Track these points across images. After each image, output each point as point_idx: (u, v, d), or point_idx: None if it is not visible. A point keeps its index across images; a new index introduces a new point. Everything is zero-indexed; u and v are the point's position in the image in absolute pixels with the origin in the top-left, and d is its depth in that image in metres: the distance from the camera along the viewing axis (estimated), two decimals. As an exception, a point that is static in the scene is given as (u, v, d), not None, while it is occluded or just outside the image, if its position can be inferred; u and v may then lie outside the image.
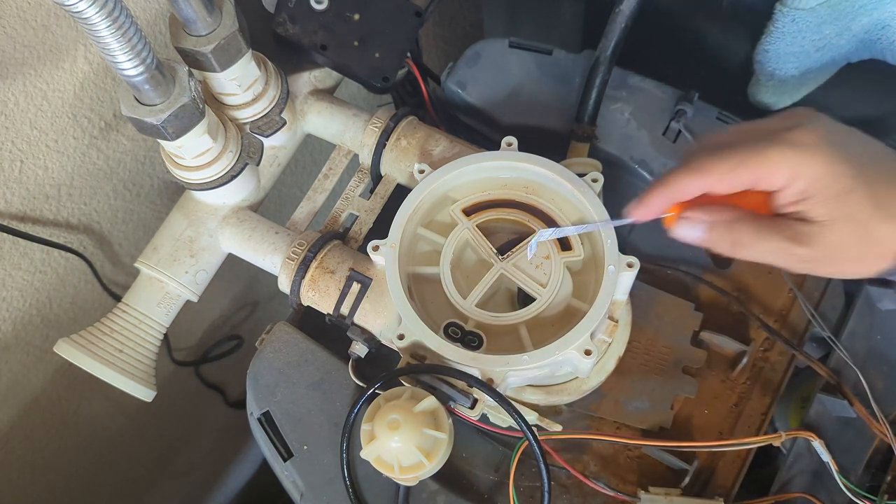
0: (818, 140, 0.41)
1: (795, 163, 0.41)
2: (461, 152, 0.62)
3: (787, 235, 0.42)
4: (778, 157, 0.41)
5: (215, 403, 1.13)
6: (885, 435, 0.57)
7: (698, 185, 0.43)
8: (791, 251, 0.42)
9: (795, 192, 0.41)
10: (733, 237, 0.43)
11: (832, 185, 0.40)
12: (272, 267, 0.61)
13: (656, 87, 0.70)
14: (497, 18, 1.01)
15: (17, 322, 0.69)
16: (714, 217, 0.44)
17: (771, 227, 0.43)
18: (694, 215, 0.44)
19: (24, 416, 0.77)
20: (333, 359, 0.61)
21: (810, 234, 0.42)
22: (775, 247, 0.43)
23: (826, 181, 0.40)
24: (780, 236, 0.42)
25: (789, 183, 0.41)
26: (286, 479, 0.59)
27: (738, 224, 0.43)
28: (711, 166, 0.42)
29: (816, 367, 0.61)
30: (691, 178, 0.43)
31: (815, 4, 0.59)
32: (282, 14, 0.63)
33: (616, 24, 0.62)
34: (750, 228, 0.43)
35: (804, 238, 0.42)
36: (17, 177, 0.61)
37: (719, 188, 0.43)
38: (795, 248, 0.42)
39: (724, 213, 0.44)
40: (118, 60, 0.46)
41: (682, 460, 0.59)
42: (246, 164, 0.60)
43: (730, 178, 0.42)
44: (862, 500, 0.55)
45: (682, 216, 0.45)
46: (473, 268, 0.58)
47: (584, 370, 0.55)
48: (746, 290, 0.66)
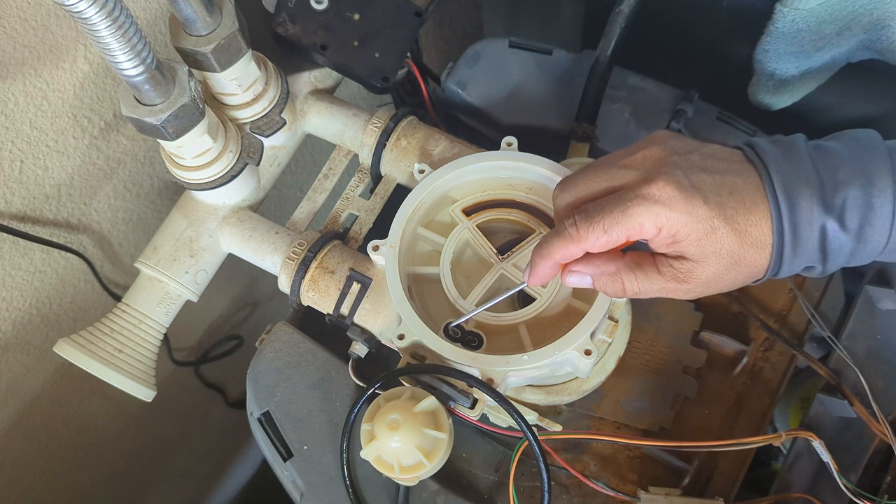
0: (674, 192, 0.44)
1: (658, 218, 0.44)
2: (461, 152, 0.62)
3: (668, 276, 0.46)
4: (640, 216, 0.44)
5: (215, 403, 1.13)
6: (885, 435, 0.57)
7: (577, 251, 0.47)
8: (674, 288, 0.46)
9: (665, 239, 0.45)
10: (618, 287, 0.47)
11: (695, 228, 0.44)
12: (272, 267, 0.61)
13: (656, 87, 0.70)
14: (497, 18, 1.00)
15: (17, 322, 0.69)
16: (597, 270, 0.48)
17: (652, 271, 0.46)
18: (579, 269, 0.48)
19: (24, 416, 0.77)
20: (333, 359, 0.61)
21: (689, 271, 0.45)
22: (659, 287, 0.46)
23: (689, 227, 0.44)
24: (662, 278, 0.46)
25: (657, 234, 0.45)
26: (286, 479, 0.59)
27: (622, 274, 0.47)
28: (583, 234, 0.45)
29: (816, 367, 0.61)
30: (568, 246, 0.46)
31: (815, 4, 0.59)
32: (282, 14, 0.63)
33: (616, 24, 0.62)
34: (633, 277, 0.47)
35: (683, 276, 0.46)
36: (17, 177, 0.61)
37: (595, 250, 0.46)
38: (680, 285, 0.46)
39: (608, 266, 0.47)
40: (118, 60, 0.46)
41: (682, 460, 0.59)
42: (246, 164, 0.60)
43: (603, 241, 0.45)
44: (862, 500, 0.55)
45: (569, 270, 0.48)
46: (473, 268, 0.58)
47: (584, 370, 0.55)
48: (746, 290, 0.66)
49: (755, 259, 0.45)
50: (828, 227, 0.44)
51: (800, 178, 0.44)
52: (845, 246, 0.44)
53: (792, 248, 0.44)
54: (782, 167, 0.44)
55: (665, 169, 0.45)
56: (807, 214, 0.43)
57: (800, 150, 0.45)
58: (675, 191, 0.44)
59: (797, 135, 0.47)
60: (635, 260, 0.47)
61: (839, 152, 0.45)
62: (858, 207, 0.43)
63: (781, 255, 0.44)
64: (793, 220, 0.44)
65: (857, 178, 0.44)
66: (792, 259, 0.45)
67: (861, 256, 0.45)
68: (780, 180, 0.44)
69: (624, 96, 0.69)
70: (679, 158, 0.45)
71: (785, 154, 0.45)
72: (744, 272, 0.45)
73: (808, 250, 0.44)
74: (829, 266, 0.46)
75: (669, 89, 0.69)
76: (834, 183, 0.44)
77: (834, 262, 0.45)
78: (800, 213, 0.44)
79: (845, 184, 0.44)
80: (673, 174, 0.44)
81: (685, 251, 0.45)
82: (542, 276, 0.49)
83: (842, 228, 0.44)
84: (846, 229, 0.44)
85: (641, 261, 0.47)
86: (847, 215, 0.43)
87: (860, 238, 0.44)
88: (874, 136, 0.46)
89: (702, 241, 0.44)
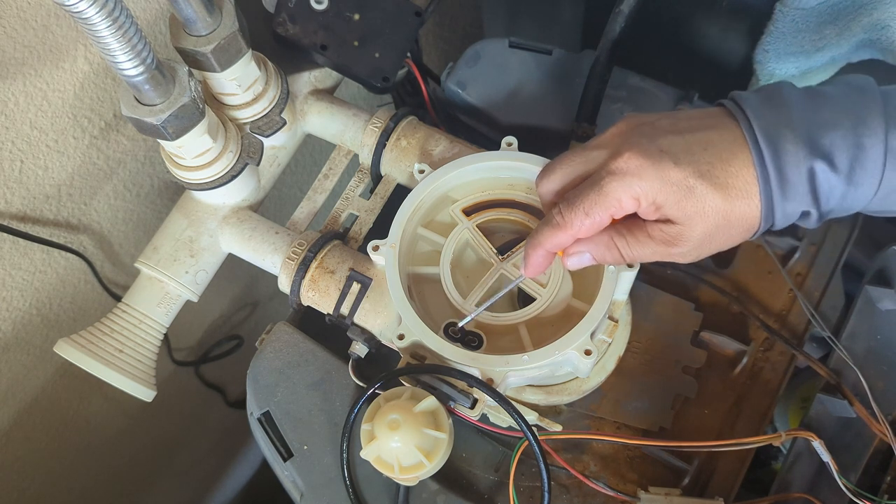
0: (641, 161, 0.44)
1: (632, 190, 0.44)
2: (461, 152, 0.62)
3: (659, 240, 0.46)
4: (615, 192, 0.44)
5: (215, 403, 1.13)
6: (885, 435, 0.57)
7: (565, 238, 0.47)
8: (669, 251, 0.46)
9: (648, 208, 0.45)
10: (615, 254, 0.47)
11: (673, 192, 0.43)
12: (272, 267, 0.61)
13: (656, 87, 0.70)
14: (497, 18, 1.00)
15: (17, 322, 0.69)
16: (592, 245, 0.48)
17: (643, 235, 0.46)
18: (575, 249, 0.49)
19: (24, 416, 0.77)
20: (333, 359, 0.61)
21: (678, 234, 0.45)
22: (653, 251, 0.46)
23: (665, 192, 0.44)
24: (653, 242, 0.46)
25: (638, 206, 0.45)
26: (286, 479, 0.59)
27: (616, 241, 0.47)
28: (568, 220, 0.46)
29: (816, 367, 0.61)
30: (557, 234, 0.47)
31: (815, 4, 0.59)
32: (282, 14, 0.63)
33: (616, 24, 0.62)
34: (625, 243, 0.47)
35: (674, 238, 0.45)
36: (17, 177, 0.61)
37: (583, 234, 0.47)
38: (671, 249, 0.46)
39: (602, 237, 0.47)
40: (118, 60, 0.46)
41: (682, 460, 0.59)
42: (246, 164, 0.60)
43: (587, 225, 0.46)
44: (862, 500, 0.55)
45: (567, 254, 0.49)
46: (473, 268, 0.58)
47: (584, 370, 0.55)
48: (746, 290, 0.66)
49: (745, 210, 0.44)
50: (816, 168, 0.43)
51: (782, 122, 0.43)
52: (836, 188, 0.43)
53: (781, 192, 0.43)
54: (763, 113, 0.44)
55: (631, 140, 0.45)
56: (793, 157, 0.43)
57: (784, 95, 0.44)
58: (642, 159, 0.44)
59: (783, 81, 0.46)
60: (627, 226, 0.47)
61: (830, 94, 0.44)
62: (848, 147, 0.42)
63: (772, 203, 0.44)
64: (778, 163, 0.43)
65: (846, 118, 0.43)
66: (783, 205, 0.44)
67: (854, 200, 0.44)
68: (761, 126, 0.43)
69: (624, 96, 0.69)
70: (646, 128, 0.46)
71: (766, 100, 0.44)
72: (737, 226, 0.45)
73: (798, 194, 0.43)
74: (823, 210, 0.45)
75: (669, 89, 0.69)
76: (821, 123, 0.43)
77: (826, 205, 0.44)
78: (785, 156, 0.43)
79: (833, 124, 0.43)
80: (638, 144, 0.44)
81: (670, 215, 0.44)
82: (536, 266, 0.50)
83: (831, 169, 0.43)
84: (836, 170, 0.43)
85: (633, 227, 0.47)
86: (836, 155, 0.42)
87: (851, 179, 0.43)
88: (868, 80, 0.45)
89: (681, 202, 0.43)
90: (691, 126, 0.45)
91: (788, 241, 0.67)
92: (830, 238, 0.67)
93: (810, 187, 0.43)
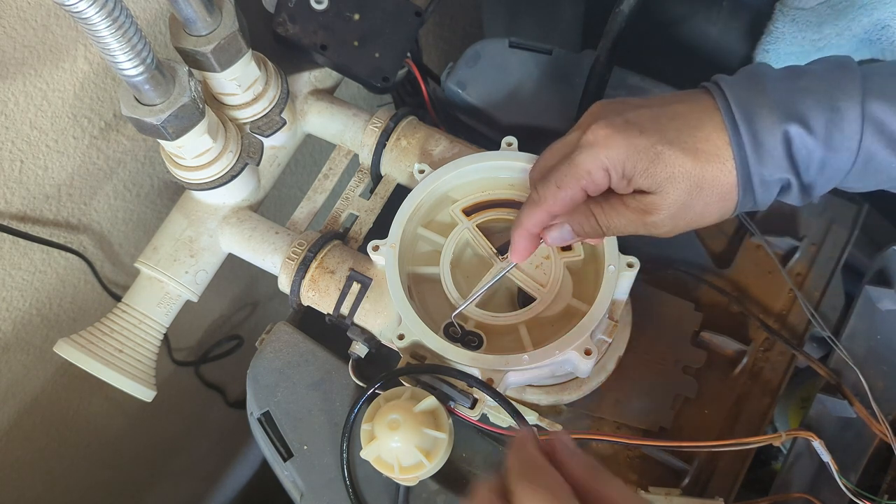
0: (608, 131, 0.45)
1: (600, 160, 0.45)
2: (461, 152, 0.62)
3: (633, 208, 0.46)
4: (584, 164, 0.45)
5: (215, 403, 1.13)
6: (885, 435, 0.57)
7: (542, 215, 0.48)
8: (645, 221, 0.46)
9: (619, 180, 0.45)
10: (593, 224, 0.48)
11: (640, 159, 0.44)
12: (272, 267, 0.61)
13: (656, 87, 0.70)
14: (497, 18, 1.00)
15: (17, 322, 0.69)
16: (570, 217, 0.49)
17: (619, 204, 0.47)
18: (553, 222, 0.50)
19: (24, 416, 0.77)
20: (333, 359, 0.61)
21: (652, 203, 0.45)
22: (629, 221, 0.47)
23: (633, 159, 0.44)
24: (629, 211, 0.46)
25: (609, 176, 0.45)
26: (286, 479, 0.59)
27: (593, 211, 0.48)
28: (543, 195, 0.47)
29: (816, 367, 0.61)
30: (534, 212, 0.48)
31: (815, 4, 0.59)
32: (282, 14, 0.63)
33: (616, 24, 0.62)
34: (602, 212, 0.47)
35: (648, 207, 0.46)
36: (17, 177, 0.61)
37: (559, 209, 0.48)
38: (647, 218, 0.46)
39: (579, 209, 0.48)
40: (118, 60, 0.46)
41: (682, 460, 0.59)
42: (246, 164, 0.60)
43: (561, 198, 0.47)
44: (862, 500, 0.55)
45: (548, 230, 0.50)
46: (473, 268, 0.58)
47: (584, 370, 0.55)
48: (746, 290, 0.66)
49: (718, 174, 0.44)
50: (791, 132, 0.43)
51: (756, 90, 0.44)
52: (815, 152, 0.43)
53: (756, 156, 0.43)
54: (737, 86, 0.44)
55: (599, 116, 0.46)
56: (766, 119, 0.43)
57: (760, 70, 0.45)
58: (609, 130, 0.45)
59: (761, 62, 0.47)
60: (604, 196, 0.48)
61: (808, 69, 0.45)
62: (823, 111, 0.42)
63: (747, 167, 0.43)
64: (751, 127, 0.43)
65: (822, 84, 0.43)
66: (759, 170, 0.44)
67: (834, 168, 0.44)
68: (734, 93, 0.44)
69: (624, 96, 0.69)
70: (615, 104, 0.47)
71: (743, 76, 0.45)
72: (712, 192, 0.45)
73: (774, 158, 0.43)
74: (804, 180, 0.44)
75: (669, 89, 0.69)
76: (797, 89, 0.43)
77: (806, 173, 0.44)
78: (758, 120, 0.43)
79: (809, 90, 0.43)
80: (606, 117, 0.46)
81: (642, 185, 0.45)
82: (521, 249, 0.51)
83: (807, 132, 0.42)
84: (812, 132, 0.42)
85: (610, 197, 0.47)
86: (811, 118, 0.42)
87: (829, 143, 0.43)
88: (848, 58, 0.45)
89: (650, 169, 0.44)
90: (662, 101, 0.46)
91: (788, 241, 0.67)
92: (830, 238, 0.67)
93: (786, 151, 0.43)
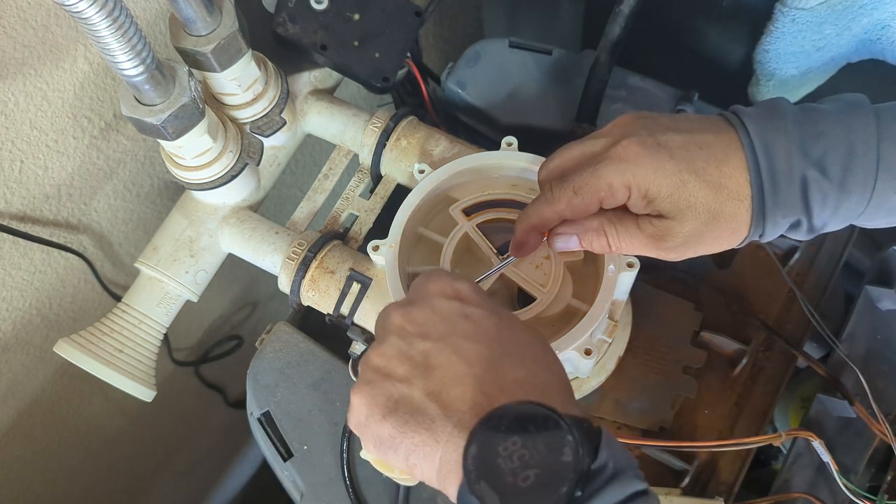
0: (639, 149, 0.44)
1: (625, 177, 0.44)
2: (461, 152, 0.62)
3: (648, 233, 0.46)
4: (608, 177, 0.45)
5: (215, 403, 1.13)
6: (885, 435, 0.57)
7: (552, 214, 0.48)
8: (657, 245, 0.46)
9: (639, 200, 0.45)
10: (602, 242, 0.48)
11: (665, 185, 0.44)
12: (272, 267, 0.61)
13: (656, 87, 0.70)
14: (497, 18, 1.00)
15: (17, 322, 0.69)
16: (581, 228, 0.48)
17: (633, 226, 0.47)
18: (564, 230, 0.49)
19: (24, 416, 0.77)
20: (333, 359, 0.61)
21: (667, 228, 0.45)
22: (641, 244, 0.47)
23: (658, 183, 0.44)
24: (642, 234, 0.46)
25: (629, 194, 0.45)
26: (286, 479, 0.59)
27: (605, 228, 0.47)
28: (557, 196, 0.47)
29: (816, 367, 0.61)
30: (544, 209, 0.48)
31: (815, 4, 0.59)
32: (282, 14, 0.63)
33: (616, 24, 0.62)
34: (614, 231, 0.47)
35: (663, 233, 0.46)
36: (17, 177, 0.61)
37: (570, 214, 0.47)
38: (659, 243, 0.46)
39: (591, 222, 0.48)
40: (118, 60, 0.46)
41: (682, 460, 0.59)
42: (246, 164, 0.60)
43: (575, 203, 0.46)
44: (862, 500, 0.55)
45: (554, 233, 0.49)
46: (473, 268, 0.58)
47: (584, 370, 0.55)
48: (746, 290, 0.66)
49: (734, 212, 0.44)
50: (808, 175, 0.43)
51: (778, 130, 0.44)
52: (829, 196, 0.44)
53: (773, 197, 0.44)
54: (759, 121, 0.45)
55: (631, 131, 0.46)
56: (785, 162, 0.43)
57: (780, 108, 0.45)
58: (640, 148, 0.44)
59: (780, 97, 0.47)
60: (617, 215, 0.47)
61: (824, 109, 0.45)
62: (841, 156, 0.43)
63: (763, 207, 0.44)
64: (771, 168, 0.43)
65: (839, 128, 0.44)
66: (774, 210, 0.44)
67: (847, 210, 0.44)
68: (757, 131, 0.44)
69: (624, 96, 0.69)
70: (647, 121, 0.46)
71: (763, 111, 0.45)
72: (725, 228, 0.45)
73: (789, 199, 0.44)
74: (816, 221, 0.45)
75: (669, 89, 0.69)
76: (815, 133, 0.44)
77: (819, 215, 0.45)
78: (777, 162, 0.43)
79: (826, 134, 0.44)
80: (638, 134, 0.45)
81: (661, 208, 0.45)
82: (523, 243, 0.50)
83: (823, 176, 0.43)
84: (828, 177, 0.43)
85: (623, 217, 0.47)
86: (828, 162, 0.43)
87: (843, 186, 0.43)
88: (861, 98, 0.46)
89: (673, 195, 0.44)
90: (690, 127, 0.46)
91: (788, 241, 0.67)
92: (830, 238, 0.67)
93: (802, 194, 0.44)
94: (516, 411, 0.35)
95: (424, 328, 0.40)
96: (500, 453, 0.34)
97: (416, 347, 0.40)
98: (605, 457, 0.34)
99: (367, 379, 0.40)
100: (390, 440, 0.38)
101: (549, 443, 0.34)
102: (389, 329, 0.41)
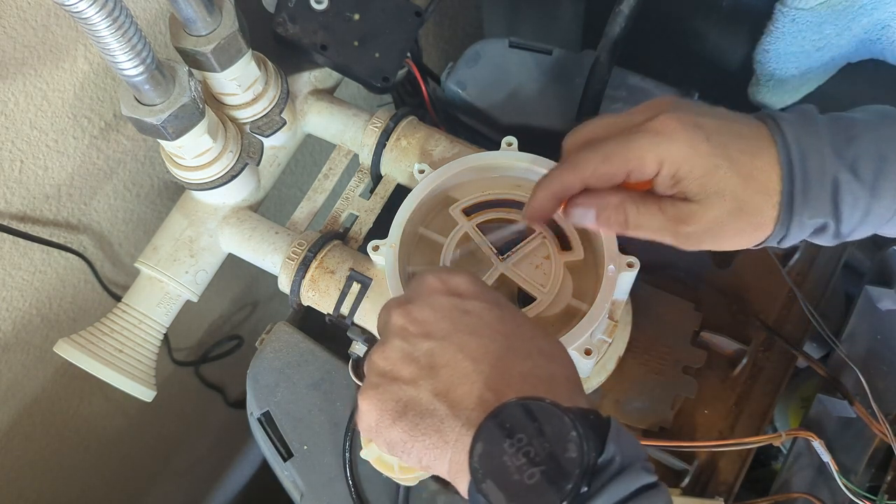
0: (677, 125, 0.43)
1: (659, 151, 0.43)
2: (461, 152, 0.62)
3: (670, 215, 0.45)
4: (641, 148, 0.43)
5: (215, 403, 1.13)
6: (885, 435, 0.57)
7: (575, 180, 0.46)
8: (676, 229, 0.45)
9: (667, 177, 0.44)
10: (621, 218, 0.46)
11: (697, 165, 0.43)
12: (272, 267, 0.61)
13: (656, 87, 0.70)
14: (497, 18, 1.00)
15: (17, 322, 0.69)
16: (602, 201, 0.46)
17: (655, 207, 0.45)
18: (583, 201, 0.47)
19: (24, 416, 0.77)
20: (333, 359, 0.61)
21: (690, 213, 0.44)
22: (659, 225, 0.45)
23: (691, 163, 0.43)
24: (664, 216, 0.45)
25: (658, 170, 0.44)
26: (286, 479, 0.59)
27: (626, 205, 0.46)
28: (584, 161, 0.45)
29: (816, 367, 0.61)
30: (567, 174, 0.46)
31: (815, 4, 0.59)
32: (282, 14, 0.63)
33: (616, 24, 0.62)
34: (636, 209, 0.46)
35: (685, 216, 0.44)
36: (17, 177, 0.61)
37: (594, 182, 0.46)
38: (679, 226, 0.45)
39: (612, 197, 0.46)
40: (118, 60, 0.46)
41: (682, 460, 0.59)
42: (246, 164, 0.60)
43: (602, 171, 0.45)
44: (862, 500, 0.55)
45: (573, 202, 0.47)
46: (473, 268, 0.58)
47: (584, 370, 0.55)
48: (746, 290, 0.66)
49: (761, 206, 0.44)
50: (840, 177, 0.43)
51: (810, 131, 0.44)
52: (860, 199, 0.43)
53: (802, 195, 0.43)
54: (793, 122, 0.44)
55: (669, 108, 0.45)
56: (818, 162, 0.43)
57: (811, 113, 0.45)
58: (678, 124, 0.43)
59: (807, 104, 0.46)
60: (640, 193, 0.46)
61: (853, 116, 0.45)
62: (872, 159, 0.43)
63: (792, 204, 0.43)
64: (803, 166, 0.43)
65: (870, 132, 0.43)
66: (802, 209, 0.43)
67: (876, 215, 0.44)
68: (792, 131, 0.44)
69: (624, 96, 0.69)
70: (688, 104, 0.46)
71: (796, 114, 0.45)
72: (749, 222, 0.44)
73: (819, 201, 0.43)
74: (843, 227, 0.44)
75: (669, 89, 0.69)
76: (847, 137, 0.43)
77: (848, 219, 0.44)
78: (810, 161, 0.43)
79: (858, 138, 0.43)
80: (677, 111, 0.44)
81: (688, 190, 0.44)
82: (540, 208, 0.48)
83: (855, 178, 0.43)
84: (860, 179, 0.43)
85: (646, 196, 0.46)
86: (860, 165, 0.43)
87: (875, 191, 0.43)
88: (890, 108, 0.45)
89: (703, 178, 0.43)
90: (727, 115, 0.45)
91: (788, 241, 0.67)
92: (830, 238, 0.67)
93: (833, 197, 0.43)
94: (521, 408, 0.35)
95: (426, 327, 0.40)
96: (506, 450, 0.34)
97: (420, 348, 0.40)
98: (613, 450, 0.34)
99: (374, 383, 0.40)
100: (402, 444, 0.38)
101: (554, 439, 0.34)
102: (391, 330, 0.41)
